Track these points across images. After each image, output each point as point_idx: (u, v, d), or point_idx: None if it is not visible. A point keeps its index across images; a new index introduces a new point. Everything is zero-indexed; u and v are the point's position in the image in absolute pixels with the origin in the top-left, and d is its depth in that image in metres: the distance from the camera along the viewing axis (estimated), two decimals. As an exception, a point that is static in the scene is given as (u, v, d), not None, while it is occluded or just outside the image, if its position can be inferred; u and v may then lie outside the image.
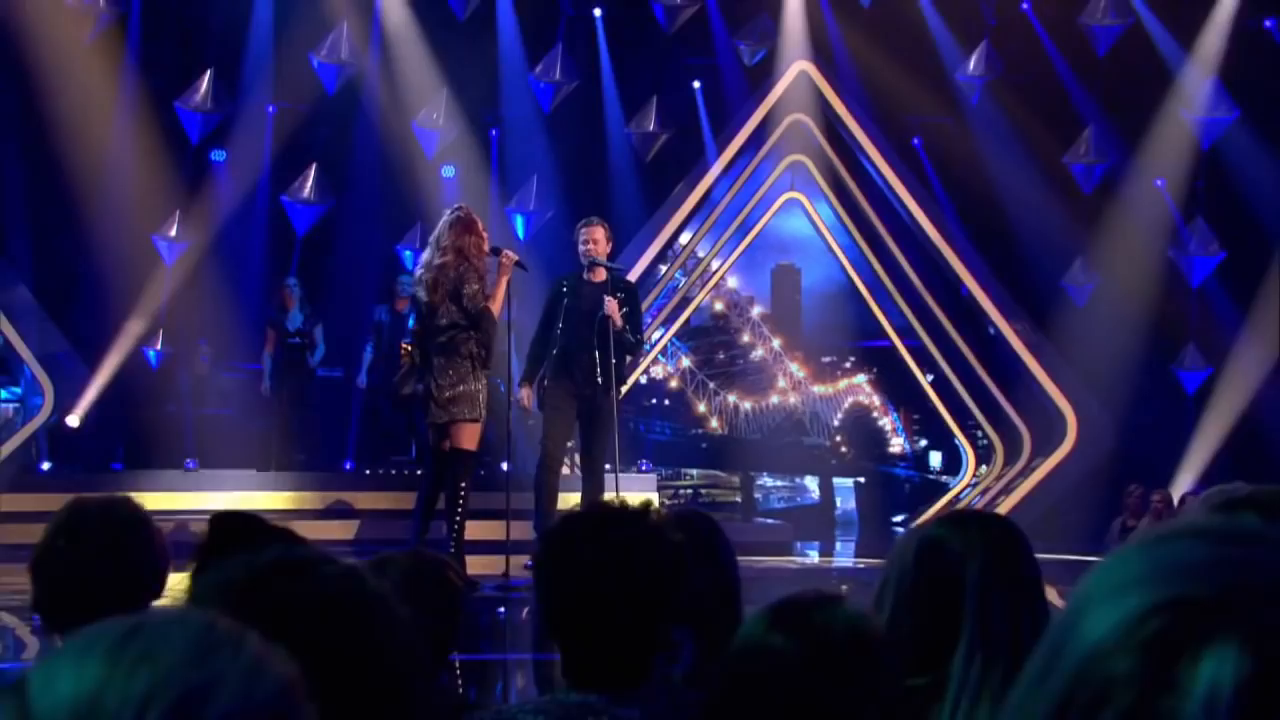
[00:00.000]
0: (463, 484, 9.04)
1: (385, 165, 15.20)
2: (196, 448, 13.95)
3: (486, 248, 9.11)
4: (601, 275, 9.55)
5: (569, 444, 10.19)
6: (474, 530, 9.55)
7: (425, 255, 9.18)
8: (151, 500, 12.52)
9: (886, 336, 16.70)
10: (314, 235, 15.26)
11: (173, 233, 14.68)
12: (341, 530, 12.03)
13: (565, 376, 9.47)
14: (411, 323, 9.53)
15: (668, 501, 16.20)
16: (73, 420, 14.23)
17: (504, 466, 11.27)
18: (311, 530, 11.44)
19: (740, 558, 3.18)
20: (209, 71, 14.51)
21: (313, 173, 14.98)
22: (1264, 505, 2.60)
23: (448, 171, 15.53)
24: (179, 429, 14.60)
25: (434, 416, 9.04)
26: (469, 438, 9.08)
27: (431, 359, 9.02)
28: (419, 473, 11.17)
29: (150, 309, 14.70)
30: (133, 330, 14.53)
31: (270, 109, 15.19)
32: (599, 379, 9.32)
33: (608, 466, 9.69)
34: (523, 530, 9.72)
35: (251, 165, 15.10)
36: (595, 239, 9.58)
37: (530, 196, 15.39)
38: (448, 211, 9.20)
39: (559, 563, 2.42)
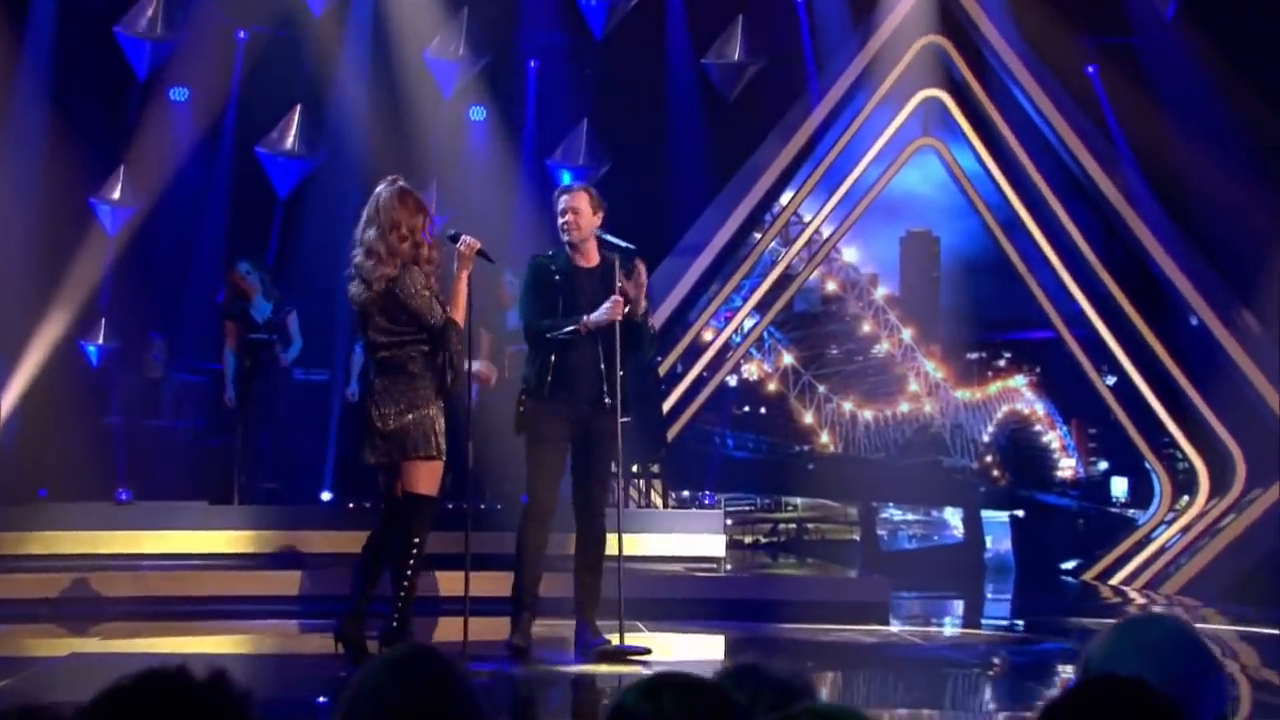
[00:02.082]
0: (415, 538, 7.90)
1: (388, 107, 14.07)
2: (139, 471, 12.71)
3: (427, 233, 8.02)
4: (595, 258, 8.26)
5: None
6: (434, 583, 8.92)
7: (359, 232, 7.99)
8: (72, 542, 10.88)
9: (1050, 326, 15.63)
10: (292, 197, 14.41)
11: (115, 195, 13.91)
12: (306, 583, 10.66)
13: (559, 397, 8.23)
14: None
15: (763, 540, 15.09)
16: (-15, 436, 13.09)
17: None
18: (271, 583, 10.74)
19: (804, 625, 3.32)
20: (160, -15, 13.89)
21: (296, 118, 14.12)
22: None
23: (477, 114, 14.59)
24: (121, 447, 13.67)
25: (375, 454, 7.96)
26: (425, 480, 7.96)
27: (371, 380, 8.08)
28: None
29: (88, 292, 13.78)
30: (66, 319, 13.61)
31: (240, 34, 14.20)
32: (607, 400, 8.15)
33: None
34: (497, 583, 8.57)
35: (216, 108, 14.17)
36: (577, 208, 8.24)
37: (579, 147, 14.45)
38: (385, 182, 8.08)
39: None
